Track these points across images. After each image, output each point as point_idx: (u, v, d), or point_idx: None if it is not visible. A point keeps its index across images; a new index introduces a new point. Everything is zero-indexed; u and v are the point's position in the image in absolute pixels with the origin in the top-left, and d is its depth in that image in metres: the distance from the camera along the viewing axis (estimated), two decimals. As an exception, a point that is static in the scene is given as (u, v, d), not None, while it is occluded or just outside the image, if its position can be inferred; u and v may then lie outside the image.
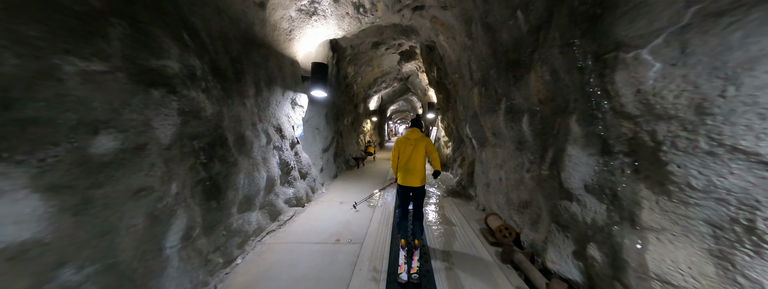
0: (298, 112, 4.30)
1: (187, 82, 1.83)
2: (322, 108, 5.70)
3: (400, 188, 2.74)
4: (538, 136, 2.47)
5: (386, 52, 8.10)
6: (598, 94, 1.53)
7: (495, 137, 3.56)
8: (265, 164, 3.09)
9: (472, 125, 4.28)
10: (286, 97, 3.89)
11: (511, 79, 2.80)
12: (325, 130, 5.95)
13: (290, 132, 3.91)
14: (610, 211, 1.51)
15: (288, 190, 3.75)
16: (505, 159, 3.27)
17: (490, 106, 3.45)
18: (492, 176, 3.66)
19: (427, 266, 2.41)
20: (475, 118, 4.09)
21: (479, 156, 4.28)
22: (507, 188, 3.19)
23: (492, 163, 3.71)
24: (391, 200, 4.59)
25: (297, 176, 4.04)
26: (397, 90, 12.67)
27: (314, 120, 5.43)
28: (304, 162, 4.41)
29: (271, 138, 3.30)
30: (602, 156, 1.56)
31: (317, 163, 5.39)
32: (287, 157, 3.69)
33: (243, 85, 2.72)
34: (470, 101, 4.18)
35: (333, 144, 6.62)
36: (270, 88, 3.38)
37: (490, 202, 3.77)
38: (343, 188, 5.48)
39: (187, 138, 1.88)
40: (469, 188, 4.95)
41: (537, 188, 2.52)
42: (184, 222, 1.79)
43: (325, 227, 3.37)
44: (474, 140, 4.41)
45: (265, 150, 3.14)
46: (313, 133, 5.41)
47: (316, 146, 5.46)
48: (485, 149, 3.99)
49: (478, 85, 3.78)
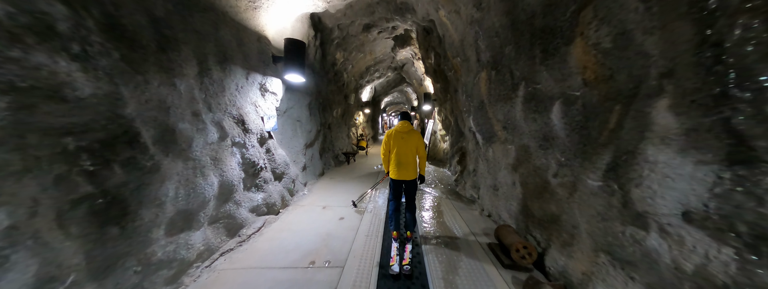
0: (271, 101, 3.54)
1: (25, 37, 1.07)
2: (304, 97, 4.93)
3: (392, 181, 2.70)
4: (575, 130, 1.80)
5: (379, 36, 7.27)
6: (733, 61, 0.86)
7: (507, 132, 2.90)
8: (218, 166, 2.36)
9: (476, 117, 3.60)
10: (252, 81, 3.12)
11: (536, 56, 2.10)
12: (309, 123, 5.19)
13: (258, 125, 3.16)
14: (743, 262, 0.88)
15: (256, 195, 3.04)
16: (520, 159, 2.62)
17: (502, 93, 2.77)
18: (502, 178, 3.02)
19: (419, 257, 2.39)
20: (481, 109, 3.41)
21: (484, 153, 3.63)
22: (523, 194, 2.55)
23: (502, 162, 3.07)
24: (383, 204, 3.93)
25: (269, 178, 3.32)
26: (392, 80, 11.85)
27: (295, 111, 4.66)
28: (280, 160, 3.69)
29: (228, 132, 2.55)
30: (731, 168, 0.90)
31: (299, 160, 4.67)
32: (254, 155, 2.97)
33: (174, 58, 1.95)
34: (475, 89, 3.48)
35: (319, 138, 5.88)
36: (225, 68, 2.60)
37: (498, 208, 3.14)
38: (328, 188, 4.80)
39: (42, 133, 1.14)
40: (470, 189, 4.33)
41: (571, 200, 1.88)
42: (30, 271, 1.07)
43: (299, 242, 2.69)
44: (478, 135, 3.74)
45: (218, 148, 2.41)
46: (294, 126, 4.66)
47: (298, 140, 4.72)
48: (493, 145, 3.33)
49: (487, 69, 3.07)
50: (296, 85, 4.41)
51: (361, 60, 8.30)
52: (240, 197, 2.73)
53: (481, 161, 3.90)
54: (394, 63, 9.59)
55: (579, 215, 1.78)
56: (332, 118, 7.62)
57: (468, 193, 4.35)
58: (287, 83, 4.01)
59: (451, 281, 2.08)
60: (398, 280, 2.07)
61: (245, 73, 2.98)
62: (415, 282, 2.07)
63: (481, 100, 3.36)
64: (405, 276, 2.10)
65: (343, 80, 8.09)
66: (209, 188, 2.18)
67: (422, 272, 2.19)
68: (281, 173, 3.71)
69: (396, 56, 8.62)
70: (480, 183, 4.00)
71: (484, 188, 3.69)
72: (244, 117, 2.88)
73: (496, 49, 2.80)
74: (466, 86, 3.89)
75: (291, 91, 4.36)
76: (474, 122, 3.74)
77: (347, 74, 8.25)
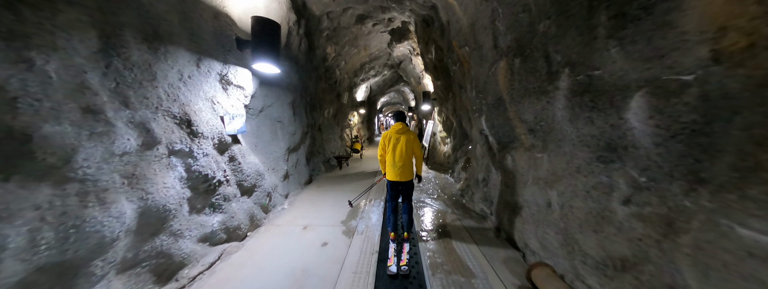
0: (236, 97, 2.79)
1: None
2: (285, 94, 4.18)
3: (389, 182, 2.66)
4: (677, 137, 1.12)
5: (374, 29, 6.56)
6: None
7: (534, 136, 2.21)
8: (137, 186, 1.62)
9: (490, 117, 2.91)
10: (207, 70, 2.38)
11: (597, 28, 1.41)
12: (293, 124, 4.45)
13: (216, 126, 2.42)
14: None
15: (210, 219, 2.30)
16: (559, 173, 1.93)
17: (531, 86, 2.08)
18: (529, 195, 2.32)
19: (417, 258, 2.36)
20: (497, 107, 2.71)
21: (501, 161, 2.93)
22: (567, 222, 1.86)
23: (527, 175, 2.37)
24: (377, 222, 3.22)
25: (232, 194, 2.58)
26: (388, 79, 11.15)
27: (274, 110, 3.92)
28: (250, 170, 2.94)
29: (159, 137, 1.81)
30: None
31: (279, 167, 3.92)
32: (207, 166, 2.22)
33: (30, 19, 1.20)
34: (490, 83, 2.78)
35: (305, 141, 5.14)
36: (156, 49, 1.86)
37: (523, 234, 2.44)
38: (314, 200, 4.06)
39: None
40: (480, 202, 3.63)
41: (663, 244, 1.19)
42: None
43: (263, 285, 1.96)
44: (492, 138, 3.05)
45: (138, 160, 1.66)
46: (273, 128, 3.92)
47: (278, 144, 3.98)
48: (514, 152, 2.64)
49: (508, 57, 2.38)
50: (274, 79, 3.67)
51: (355, 56, 7.58)
52: (182, 225, 1.99)
53: (495, 169, 3.20)
54: (391, 60, 8.89)
55: (692, 274, 1.09)
56: (323, 118, 6.88)
57: (477, 206, 3.65)
58: (261, 76, 3.27)
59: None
60: (396, 280, 2.05)
61: (195, 59, 2.24)
62: (412, 282, 2.05)
63: (498, 96, 2.67)
64: (402, 277, 2.08)
65: (335, 78, 7.37)
66: (115, 222, 1.44)
67: (420, 272, 2.17)
68: (252, 185, 2.97)
69: (393, 52, 7.93)
70: (493, 196, 3.31)
71: (500, 203, 2.99)
72: (190, 117, 2.13)
73: (523, 29, 2.11)
74: (477, 80, 3.19)
75: (268, 86, 3.62)
76: (487, 123, 3.05)
77: (340, 71, 7.53)
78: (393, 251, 2.34)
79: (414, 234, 2.83)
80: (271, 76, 3.56)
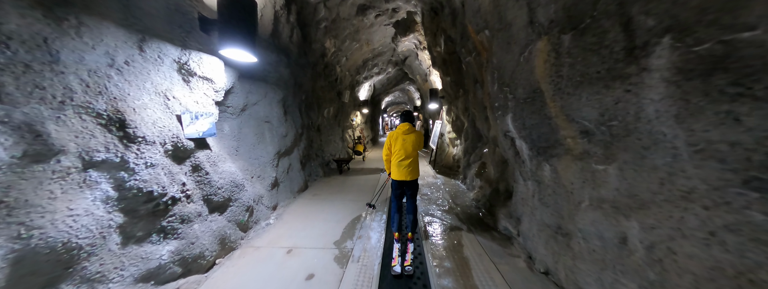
0: (203, 91, 2.23)
1: None
2: (274, 90, 3.62)
3: (393, 182, 2.61)
4: None
5: (376, 21, 5.96)
6: None
7: (589, 140, 1.57)
8: (8, 220, 1.05)
9: (520, 115, 2.27)
10: (157, 55, 1.81)
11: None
12: (284, 125, 3.89)
13: (167, 128, 1.85)
14: None
15: (158, 248, 1.73)
16: (645, 197, 1.28)
17: (595, 70, 1.44)
18: (588, 224, 1.67)
19: (421, 258, 2.30)
20: (531, 102, 2.08)
21: (535, 171, 2.29)
22: (664, 275, 1.19)
23: (583, 194, 1.72)
24: (378, 243, 2.61)
25: (194, 213, 2.01)
26: (392, 77, 10.54)
27: (261, 108, 3.36)
28: (223, 181, 2.38)
29: (60, 145, 1.25)
30: None
31: (266, 174, 3.36)
32: (152, 180, 1.66)
33: None
34: (521, 71, 2.14)
35: (300, 143, 4.57)
36: (59, 20, 1.30)
37: (577, 276, 1.78)
38: (307, 212, 3.48)
39: None
40: (504, 219, 2.98)
41: None
42: None
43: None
44: (523, 142, 2.40)
45: (15, 179, 1.10)
46: (260, 129, 3.35)
47: (265, 148, 3.42)
48: (555, 160, 2.00)
49: (552, 34, 1.73)
50: (258, 72, 3.11)
51: (357, 51, 6.99)
52: (106, 264, 1.42)
53: (524, 180, 2.56)
54: (395, 56, 8.28)
55: None
56: (322, 118, 6.32)
57: (500, 224, 3.00)
58: (238, 67, 2.71)
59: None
60: (400, 280, 2.01)
61: (136, 40, 1.67)
62: (416, 282, 2.00)
63: (532, 88, 2.03)
64: (406, 277, 2.05)
65: (335, 75, 6.79)
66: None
67: (424, 272, 2.12)
68: (225, 199, 2.40)
69: (397, 47, 7.31)
70: (521, 212, 2.67)
71: (534, 224, 2.35)
72: (125, 115, 1.57)
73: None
74: (501, 70, 2.55)
75: (251, 80, 3.05)
76: (515, 123, 2.41)
77: (341, 68, 6.95)
78: (397, 251, 2.30)
79: (418, 234, 2.78)
80: (254, 69, 2.99)
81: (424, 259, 2.31)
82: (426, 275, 2.08)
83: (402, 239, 2.48)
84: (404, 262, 2.17)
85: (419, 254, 2.39)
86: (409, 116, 2.65)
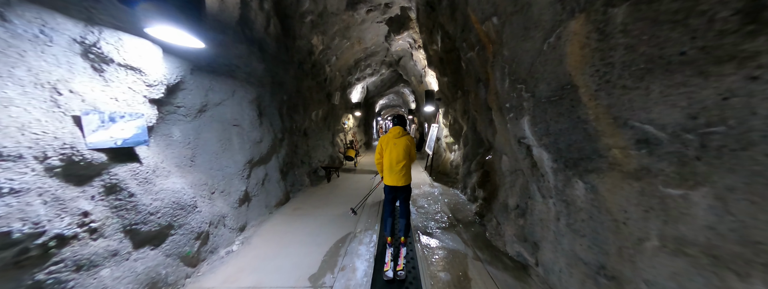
0: (127, 84, 1.67)
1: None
2: (245, 89, 3.06)
3: (386, 186, 2.56)
4: None
5: (368, 16, 5.47)
6: None
7: (650, 152, 1.09)
8: None
9: (543, 118, 1.78)
10: (42, 29, 1.26)
11: None
12: (259, 129, 3.32)
13: (49, 133, 1.28)
14: None
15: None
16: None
17: (677, 50, 0.94)
18: (657, 275, 1.15)
19: (413, 262, 2.29)
20: (558, 101, 1.58)
21: (563, 189, 1.78)
22: None
23: (648, 229, 1.21)
24: (364, 277, 2.05)
25: (107, 252, 1.44)
26: (386, 79, 10.06)
27: (227, 109, 2.80)
28: (156, 205, 1.80)
29: None
30: None
31: (232, 189, 2.78)
32: (14, 214, 1.08)
33: None
34: (546, 63, 1.65)
35: (280, 150, 4.00)
36: None
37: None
38: (282, 233, 2.90)
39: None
40: (515, 242, 2.46)
41: None
42: None
43: None
44: (544, 151, 1.90)
45: None
46: (225, 134, 2.79)
47: (232, 157, 2.84)
48: (593, 177, 1.50)
49: (591, 11, 1.24)
50: (222, 65, 2.55)
51: (348, 50, 6.49)
52: None
53: (546, 198, 2.06)
54: (389, 56, 7.81)
55: None
56: (310, 121, 5.76)
57: (512, 248, 2.48)
58: (186, 56, 2.15)
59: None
60: (392, 285, 2.00)
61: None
62: (409, 287, 1.97)
63: (563, 82, 1.53)
64: (399, 281, 2.02)
65: (325, 75, 6.26)
66: None
67: (416, 277, 2.08)
68: (161, 228, 1.81)
69: (391, 47, 6.84)
70: (540, 237, 2.16)
71: (560, 255, 1.84)
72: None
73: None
74: (515, 63, 2.06)
75: (211, 75, 2.50)
76: (534, 128, 1.91)
77: (331, 68, 6.43)
78: (390, 256, 2.26)
79: (411, 238, 2.73)
80: (215, 62, 2.44)
81: (416, 264, 2.26)
82: (418, 280, 2.03)
83: (395, 244, 2.42)
84: (396, 267, 2.13)
85: (412, 259, 2.34)
86: (402, 120, 2.61)
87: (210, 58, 2.35)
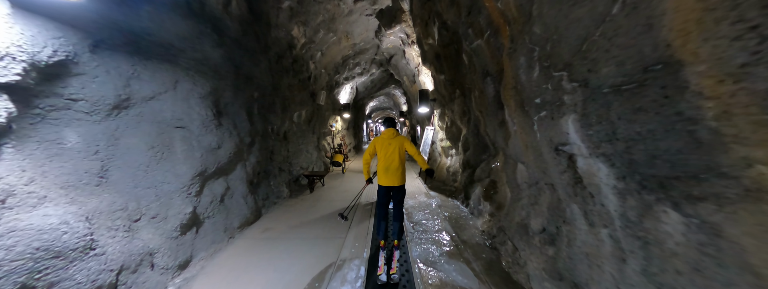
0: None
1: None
2: (195, 80, 2.36)
3: (379, 187, 2.53)
4: None
5: (356, 7, 4.86)
6: None
7: None
8: None
9: (601, 118, 1.19)
10: None
11: None
12: (216, 132, 2.60)
13: None
14: None
15: None
16: None
17: None
18: None
19: (407, 265, 2.23)
20: (634, 91, 0.99)
21: (635, 221, 1.19)
22: None
23: None
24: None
25: None
26: (377, 79, 9.47)
27: (165, 106, 2.10)
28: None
29: None
30: None
31: (169, 213, 2.05)
32: None
33: None
34: (613, 36, 1.07)
35: (248, 157, 3.28)
36: None
37: None
38: (241, 269, 2.18)
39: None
40: (542, 278, 1.87)
41: None
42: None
43: None
44: (603, 164, 1.32)
45: None
46: (162, 139, 2.08)
47: (172, 169, 2.12)
48: (705, 208, 0.91)
49: None
50: (155, 44, 1.85)
51: (334, 45, 5.84)
52: None
53: (596, 227, 1.47)
54: (380, 55, 7.22)
55: None
56: (291, 123, 5.04)
57: (542, 287, 1.88)
58: (82, 23, 1.45)
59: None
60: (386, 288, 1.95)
61: None
62: None
63: (651, 59, 0.95)
64: (392, 285, 1.98)
65: (308, 72, 5.58)
66: None
67: (410, 280, 2.03)
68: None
69: (382, 44, 6.25)
70: (588, 279, 1.57)
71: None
72: None
73: None
74: (555, 43, 1.48)
75: (135, 56, 1.80)
76: (587, 131, 1.33)
77: (316, 64, 5.76)
78: (383, 260, 2.18)
79: (404, 241, 2.62)
80: (140, 38, 1.74)
81: (409, 267, 2.20)
82: (412, 283, 1.99)
83: (388, 247, 2.38)
84: (390, 270, 2.09)
85: (405, 262, 2.29)
86: (393, 122, 2.60)
87: (128, 31, 1.65)
